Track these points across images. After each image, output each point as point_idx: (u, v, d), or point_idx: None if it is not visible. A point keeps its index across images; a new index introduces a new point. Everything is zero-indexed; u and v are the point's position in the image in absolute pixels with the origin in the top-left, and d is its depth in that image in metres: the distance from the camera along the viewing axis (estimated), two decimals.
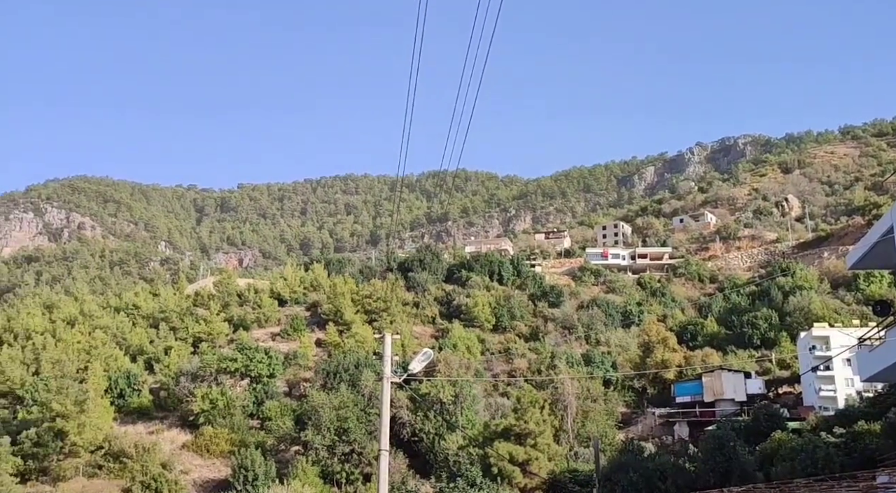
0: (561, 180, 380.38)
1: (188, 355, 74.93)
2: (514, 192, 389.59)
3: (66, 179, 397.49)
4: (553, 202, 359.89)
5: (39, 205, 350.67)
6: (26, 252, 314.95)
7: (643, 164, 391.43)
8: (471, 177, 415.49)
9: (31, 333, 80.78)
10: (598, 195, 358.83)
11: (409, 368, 25.88)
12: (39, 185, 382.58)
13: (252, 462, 47.82)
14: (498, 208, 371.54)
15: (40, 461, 50.09)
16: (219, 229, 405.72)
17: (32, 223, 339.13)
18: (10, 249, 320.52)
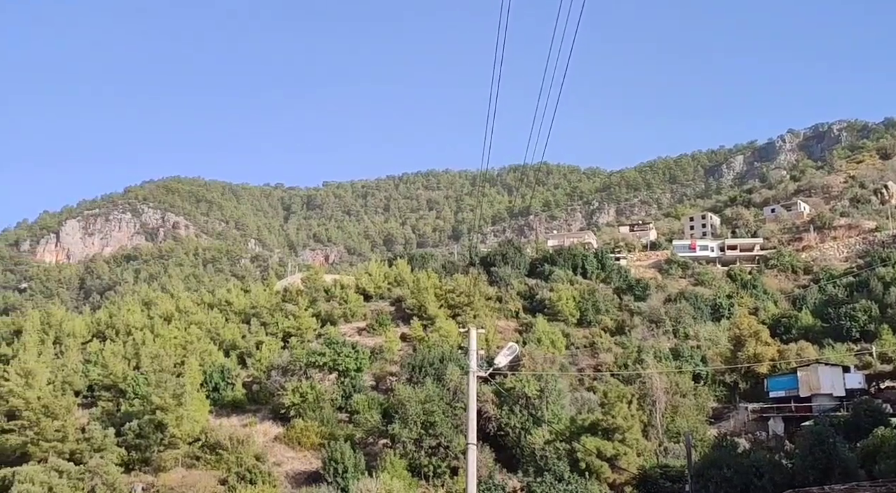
0: (646, 171, 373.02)
1: (278, 349, 76.84)
2: (597, 184, 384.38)
3: (161, 181, 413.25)
4: (637, 194, 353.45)
5: (137, 206, 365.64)
6: (125, 251, 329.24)
7: (731, 153, 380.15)
8: (553, 170, 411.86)
9: (131, 329, 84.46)
10: (685, 186, 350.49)
11: (494, 362, 25.92)
12: (136, 186, 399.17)
13: (342, 455, 48.71)
14: (581, 201, 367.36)
15: (142, 452, 52.27)
16: (305, 227, 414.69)
17: (130, 223, 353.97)
18: (110, 248, 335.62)
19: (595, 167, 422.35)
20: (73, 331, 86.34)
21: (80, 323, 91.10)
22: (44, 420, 53.46)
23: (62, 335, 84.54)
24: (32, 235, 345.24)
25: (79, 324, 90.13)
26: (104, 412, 60.40)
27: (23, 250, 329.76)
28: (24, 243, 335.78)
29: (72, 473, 46.96)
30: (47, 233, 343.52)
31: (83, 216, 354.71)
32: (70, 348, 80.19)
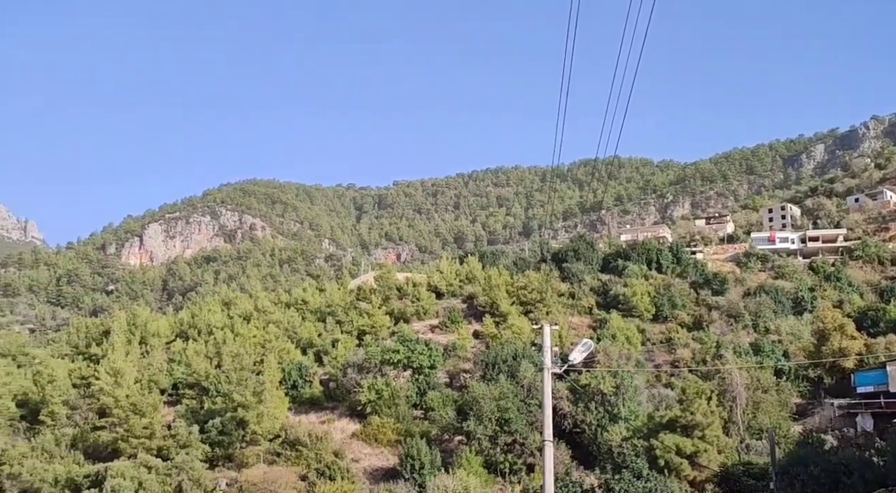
0: (721, 163, 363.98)
1: (353, 347, 77.85)
2: (671, 177, 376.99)
3: (237, 184, 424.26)
4: (713, 186, 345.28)
5: (215, 208, 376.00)
6: (205, 253, 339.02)
7: (811, 141, 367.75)
8: (624, 164, 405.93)
9: (212, 328, 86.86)
10: (763, 177, 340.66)
11: (569, 359, 25.72)
12: (214, 189, 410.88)
13: (418, 451, 49.09)
14: (654, 195, 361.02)
15: (225, 449, 53.70)
16: (377, 226, 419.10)
17: (210, 226, 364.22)
18: (191, 250, 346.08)
19: (668, 160, 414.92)
20: (158, 331, 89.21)
21: (164, 323, 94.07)
22: (132, 418, 55.48)
23: (147, 335, 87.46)
24: (118, 238, 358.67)
25: (163, 324, 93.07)
26: (188, 409, 62.26)
27: (109, 254, 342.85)
28: (111, 247, 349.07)
29: (160, 468, 48.64)
30: (131, 237, 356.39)
31: (165, 220, 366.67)
32: (155, 347, 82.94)
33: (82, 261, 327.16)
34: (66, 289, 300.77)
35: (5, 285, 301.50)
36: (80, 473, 50.07)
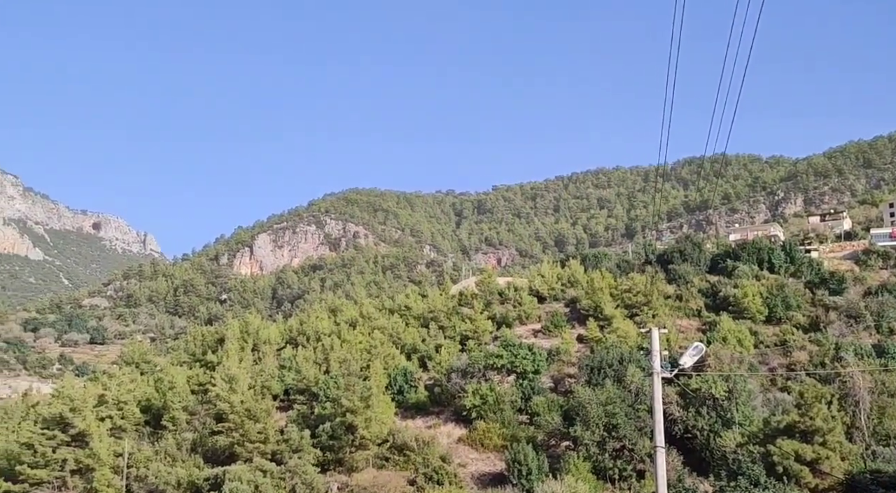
0: (836, 157, 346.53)
1: (457, 352, 78.23)
2: (781, 173, 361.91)
3: (340, 193, 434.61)
4: (827, 181, 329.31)
5: (320, 218, 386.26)
6: (311, 261, 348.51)
7: None
8: (731, 161, 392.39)
9: (320, 335, 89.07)
10: (882, 170, 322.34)
11: (679, 363, 25.03)
12: (319, 199, 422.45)
13: (525, 457, 48.83)
14: (763, 192, 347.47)
15: (336, 453, 54.89)
16: (477, 231, 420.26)
17: (315, 235, 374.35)
18: (298, 259, 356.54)
19: (778, 155, 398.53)
20: (269, 338, 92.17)
21: (275, 331, 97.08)
22: (247, 423, 57.42)
23: (259, 342, 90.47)
24: (229, 249, 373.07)
25: (273, 331, 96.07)
26: (299, 414, 63.98)
27: (222, 264, 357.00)
28: (223, 258, 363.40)
29: (274, 472, 50.17)
30: (242, 247, 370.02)
31: (273, 230, 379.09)
32: (266, 354, 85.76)
33: (197, 272, 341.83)
34: (183, 299, 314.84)
35: (128, 296, 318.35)
36: (201, 476, 52.22)
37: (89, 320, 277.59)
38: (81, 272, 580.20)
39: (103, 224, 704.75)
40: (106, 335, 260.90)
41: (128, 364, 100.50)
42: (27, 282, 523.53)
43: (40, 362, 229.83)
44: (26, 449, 57.41)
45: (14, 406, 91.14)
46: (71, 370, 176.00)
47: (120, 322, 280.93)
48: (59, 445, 56.44)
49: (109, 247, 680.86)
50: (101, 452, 56.50)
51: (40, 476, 55.06)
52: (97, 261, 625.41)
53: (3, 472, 57.81)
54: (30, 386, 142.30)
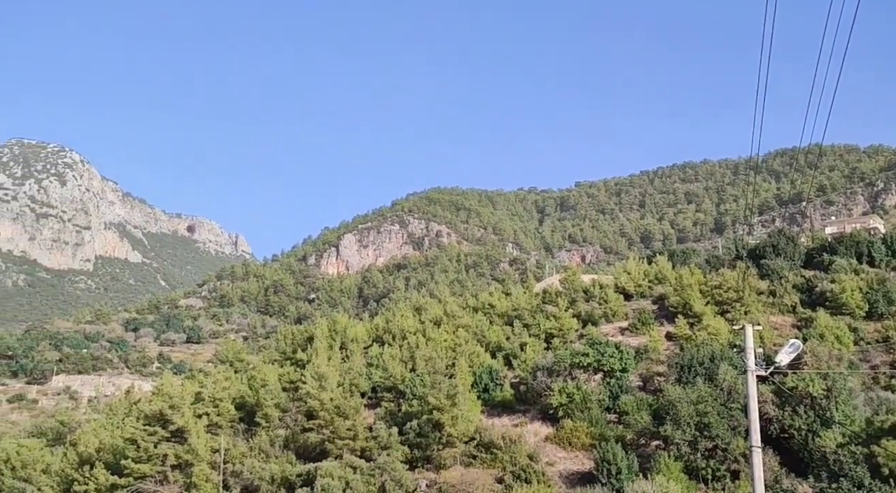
0: None
1: (542, 350, 77.77)
2: (881, 163, 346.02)
3: (423, 193, 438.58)
4: None
5: (403, 217, 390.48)
6: (395, 260, 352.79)
7: None
8: (826, 151, 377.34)
9: (405, 333, 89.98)
10: None
11: (775, 360, 24.29)
12: (402, 199, 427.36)
13: (614, 456, 48.20)
14: (862, 183, 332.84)
15: (423, 450, 55.37)
16: (560, 228, 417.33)
17: (399, 234, 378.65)
18: (382, 258, 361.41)
19: (877, 145, 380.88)
20: (356, 336, 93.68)
21: (361, 329, 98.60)
22: (337, 420, 58.56)
23: (347, 341, 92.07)
24: (316, 250, 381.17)
25: (360, 330, 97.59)
26: (387, 411, 64.79)
27: (310, 264, 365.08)
28: (311, 258, 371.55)
29: (364, 469, 51.00)
30: (329, 247, 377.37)
31: (358, 230, 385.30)
32: (354, 352, 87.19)
33: (286, 272, 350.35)
34: (273, 298, 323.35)
35: (221, 296, 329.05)
36: (293, 472, 53.56)
37: (185, 319, 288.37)
38: (177, 274, 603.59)
39: (197, 227, 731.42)
40: (201, 335, 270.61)
41: (222, 363, 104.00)
42: (127, 284, 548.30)
43: (141, 361, 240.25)
44: (130, 444, 60.08)
45: (118, 403, 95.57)
46: (169, 369, 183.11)
47: (214, 322, 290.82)
48: (159, 440, 58.83)
49: (203, 249, 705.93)
50: (198, 448, 58.60)
51: (143, 471, 57.50)
52: (192, 263, 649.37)
53: (109, 466, 60.64)
54: (132, 384, 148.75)
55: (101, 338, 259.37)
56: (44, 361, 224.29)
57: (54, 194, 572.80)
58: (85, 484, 60.72)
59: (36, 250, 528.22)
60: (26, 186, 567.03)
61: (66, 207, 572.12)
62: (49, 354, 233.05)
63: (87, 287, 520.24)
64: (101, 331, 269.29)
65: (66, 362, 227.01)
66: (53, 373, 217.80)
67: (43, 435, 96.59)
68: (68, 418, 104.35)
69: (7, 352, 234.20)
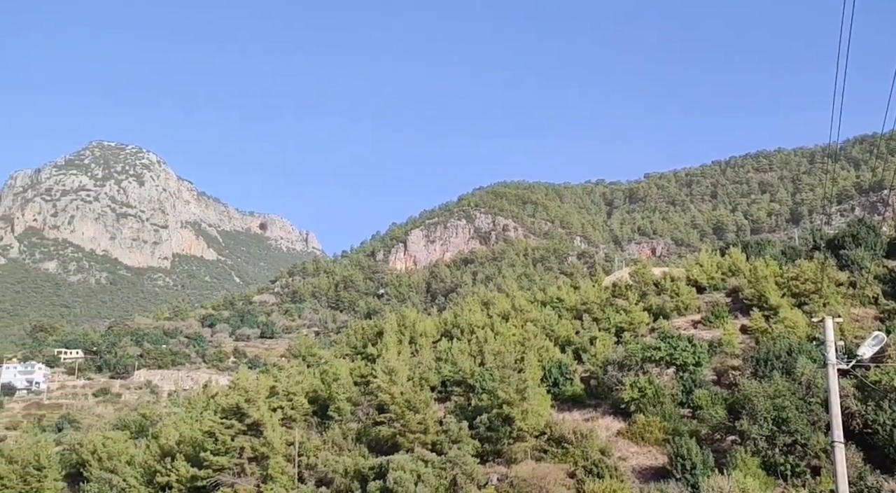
0: None
1: (612, 344, 76.90)
2: None
3: (489, 187, 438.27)
4: None
5: (470, 212, 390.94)
6: (463, 255, 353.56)
7: None
8: None
9: (473, 327, 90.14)
10: None
11: (857, 353, 23.55)
12: (468, 194, 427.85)
13: (688, 451, 47.40)
14: None
15: (494, 444, 55.52)
16: (629, 221, 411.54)
17: (465, 229, 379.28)
18: (450, 253, 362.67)
19: None
20: (425, 331, 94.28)
21: (430, 324, 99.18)
22: (407, 414, 59.14)
23: (416, 335, 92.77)
24: (385, 245, 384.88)
25: (429, 324, 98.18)
26: (457, 405, 65.11)
27: (378, 260, 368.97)
28: (379, 253, 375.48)
29: (435, 462, 51.43)
30: (396, 243, 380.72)
31: (425, 225, 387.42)
32: (423, 346, 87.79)
33: (355, 268, 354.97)
34: (344, 294, 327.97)
35: (293, 292, 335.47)
36: (366, 465, 54.38)
37: (259, 315, 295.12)
38: (251, 270, 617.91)
39: (269, 224, 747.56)
40: (274, 330, 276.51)
41: (295, 357, 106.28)
42: (203, 280, 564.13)
43: (217, 356, 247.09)
44: (208, 437, 61.94)
45: (196, 397, 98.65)
46: (244, 363, 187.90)
47: (286, 317, 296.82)
48: (236, 434, 60.48)
49: (275, 246, 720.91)
50: (274, 441, 60.02)
51: (221, 463, 59.23)
52: (264, 259, 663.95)
53: (189, 458, 62.65)
54: (209, 378, 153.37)
55: (179, 334, 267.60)
56: (126, 356, 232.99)
57: (133, 195, 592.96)
58: (167, 476, 62.90)
59: (117, 249, 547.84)
60: (107, 187, 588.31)
61: (144, 207, 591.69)
62: (131, 349, 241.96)
63: (166, 284, 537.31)
64: (179, 327, 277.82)
65: (146, 357, 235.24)
66: (135, 368, 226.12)
67: (126, 428, 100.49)
68: (150, 411, 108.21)
69: (92, 348, 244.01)
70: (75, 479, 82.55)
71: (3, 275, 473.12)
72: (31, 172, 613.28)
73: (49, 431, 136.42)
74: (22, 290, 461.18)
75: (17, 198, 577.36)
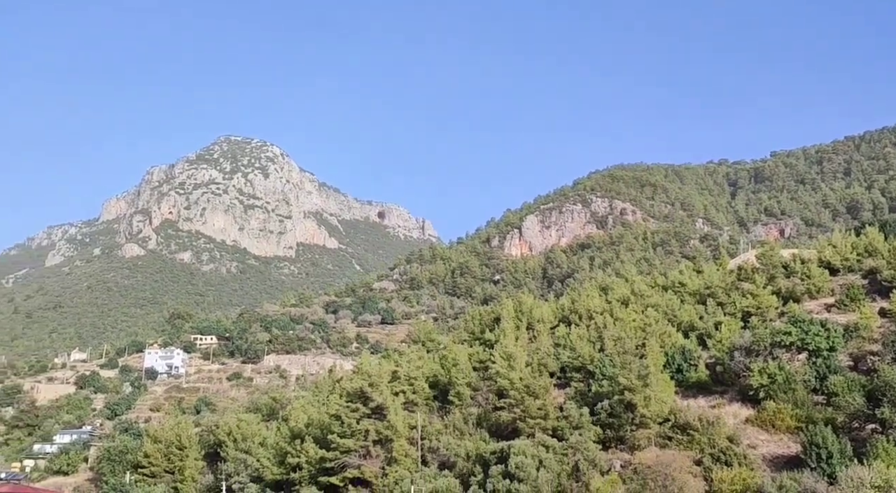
0: None
1: (738, 329, 74.32)
2: None
3: (605, 170, 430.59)
4: None
5: (586, 196, 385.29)
6: (579, 240, 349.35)
7: None
8: None
9: (592, 313, 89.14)
10: None
11: None
12: (584, 178, 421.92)
13: (824, 439, 45.34)
14: None
15: (616, 431, 54.89)
16: (755, 201, 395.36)
17: (581, 214, 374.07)
18: (565, 239, 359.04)
19: None
20: (542, 317, 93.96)
21: (547, 310, 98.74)
22: (527, 399, 59.30)
23: (533, 321, 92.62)
24: (500, 232, 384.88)
25: (546, 310, 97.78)
26: (577, 392, 64.72)
27: (493, 246, 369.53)
28: (494, 240, 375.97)
29: (556, 448, 51.40)
30: (511, 229, 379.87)
31: (540, 211, 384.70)
32: (540, 332, 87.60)
33: (471, 254, 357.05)
34: (460, 280, 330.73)
35: (411, 279, 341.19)
36: (487, 449, 54.95)
37: (379, 301, 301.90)
38: (370, 258, 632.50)
39: (387, 213, 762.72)
40: (394, 316, 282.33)
41: (415, 343, 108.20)
42: (326, 268, 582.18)
43: (341, 341, 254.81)
44: (335, 420, 64.12)
45: (322, 381, 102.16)
46: (367, 348, 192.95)
47: (405, 304, 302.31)
48: (361, 417, 62.32)
49: (393, 234, 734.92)
50: (397, 424, 61.50)
51: (348, 445, 61.21)
52: (383, 247, 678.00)
53: (317, 440, 65.11)
54: (334, 363, 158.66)
55: (304, 320, 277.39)
56: (256, 342, 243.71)
57: (259, 187, 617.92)
58: (297, 457, 65.65)
59: (245, 239, 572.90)
60: (234, 180, 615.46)
61: (269, 198, 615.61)
62: (260, 335, 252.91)
63: (291, 273, 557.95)
64: (305, 313, 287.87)
65: (275, 342, 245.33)
66: (265, 353, 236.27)
67: (258, 411, 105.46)
68: (279, 395, 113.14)
69: (224, 334, 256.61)
70: (213, 458, 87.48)
71: (143, 265, 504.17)
72: (166, 168, 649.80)
73: (188, 413, 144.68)
74: (160, 279, 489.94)
75: (154, 192, 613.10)
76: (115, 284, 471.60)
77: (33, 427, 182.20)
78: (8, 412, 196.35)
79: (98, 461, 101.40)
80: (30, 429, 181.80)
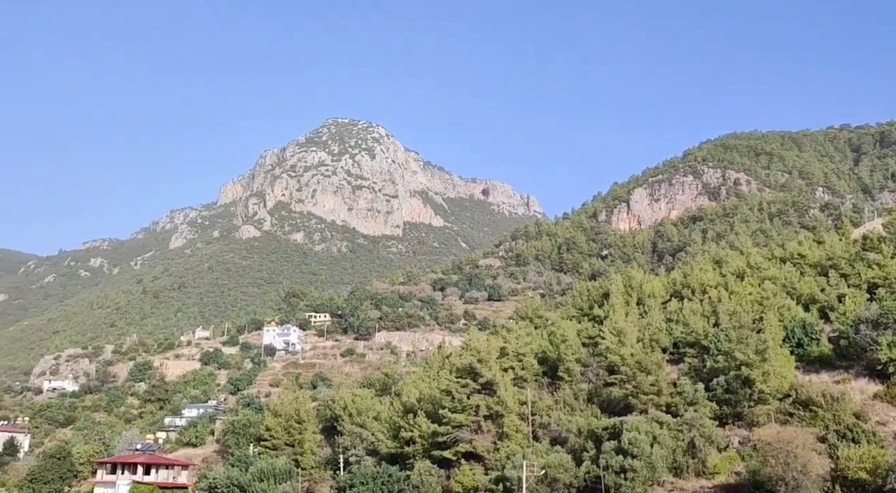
0: None
1: (864, 301, 70.69)
2: None
3: (717, 140, 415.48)
4: None
5: (696, 167, 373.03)
6: (690, 213, 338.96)
7: None
8: None
9: (705, 287, 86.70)
10: None
11: None
12: (694, 148, 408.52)
13: None
14: None
15: (733, 407, 53.47)
16: (881, 167, 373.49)
17: (692, 185, 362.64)
18: (676, 211, 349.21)
19: None
20: (653, 292, 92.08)
21: (658, 284, 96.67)
22: (639, 375, 58.48)
23: (643, 296, 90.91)
24: (607, 206, 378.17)
25: (656, 285, 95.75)
26: (691, 367, 63.33)
27: (600, 221, 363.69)
28: (601, 214, 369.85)
29: (670, 424, 50.57)
30: (619, 203, 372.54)
31: (648, 184, 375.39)
32: (651, 307, 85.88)
33: (577, 229, 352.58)
34: (567, 256, 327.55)
35: (516, 255, 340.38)
36: (599, 425, 54.60)
37: (485, 278, 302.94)
38: (475, 235, 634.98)
39: (491, 190, 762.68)
40: (501, 292, 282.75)
41: (522, 319, 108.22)
42: (432, 246, 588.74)
43: (448, 318, 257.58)
44: (445, 395, 65.16)
45: (432, 357, 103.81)
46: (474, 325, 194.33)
47: (512, 280, 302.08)
48: (471, 392, 63.08)
49: (497, 211, 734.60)
50: (507, 399, 61.92)
51: (459, 420, 62.13)
52: (488, 224, 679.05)
53: (429, 415, 66.35)
54: (443, 339, 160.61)
55: (413, 297, 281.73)
56: (367, 319, 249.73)
57: (366, 167, 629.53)
58: (410, 431, 67.14)
59: (354, 219, 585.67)
60: (342, 161, 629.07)
61: (376, 179, 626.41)
62: (371, 312, 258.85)
63: (398, 251, 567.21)
64: (413, 291, 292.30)
65: (385, 319, 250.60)
66: (376, 329, 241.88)
67: (371, 386, 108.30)
68: (391, 370, 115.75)
69: (337, 311, 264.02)
70: (330, 432, 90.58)
71: (259, 246, 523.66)
72: (278, 151, 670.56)
73: (305, 388, 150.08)
74: (275, 259, 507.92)
75: (268, 175, 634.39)
76: (234, 264, 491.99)
77: (164, 401, 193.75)
78: (141, 386, 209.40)
79: (223, 433, 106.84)
80: (161, 403, 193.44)
